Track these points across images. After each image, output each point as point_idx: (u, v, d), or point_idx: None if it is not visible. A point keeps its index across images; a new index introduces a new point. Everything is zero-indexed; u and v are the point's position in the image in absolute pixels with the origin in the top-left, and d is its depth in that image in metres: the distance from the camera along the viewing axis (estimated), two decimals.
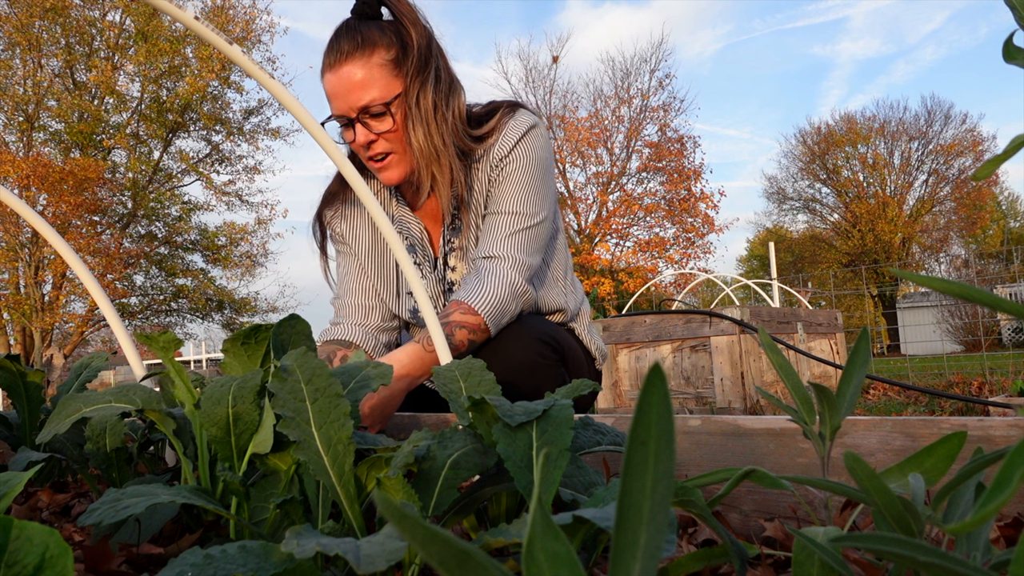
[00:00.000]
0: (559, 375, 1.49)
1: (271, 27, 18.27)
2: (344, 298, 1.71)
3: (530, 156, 1.51)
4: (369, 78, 1.43)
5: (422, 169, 1.49)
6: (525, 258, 1.48)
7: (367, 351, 1.64)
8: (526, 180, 1.51)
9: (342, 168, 1.13)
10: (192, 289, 18.40)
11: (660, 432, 0.28)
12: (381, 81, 1.43)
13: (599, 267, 20.83)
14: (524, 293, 1.46)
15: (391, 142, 1.48)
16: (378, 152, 1.48)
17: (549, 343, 1.47)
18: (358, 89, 1.43)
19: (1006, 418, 0.80)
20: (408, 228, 1.63)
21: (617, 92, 22.69)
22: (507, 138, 1.51)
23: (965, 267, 20.79)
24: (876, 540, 0.38)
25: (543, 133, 1.56)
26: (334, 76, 1.45)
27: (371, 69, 1.43)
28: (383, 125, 1.46)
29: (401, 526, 0.26)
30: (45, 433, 0.88)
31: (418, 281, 1.14)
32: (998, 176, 30.29)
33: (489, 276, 1.44)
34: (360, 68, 1.42)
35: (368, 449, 0.78)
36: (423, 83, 1.46)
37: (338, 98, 1.45)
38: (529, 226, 1.50)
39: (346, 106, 1.45)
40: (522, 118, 1.54)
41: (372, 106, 1.44)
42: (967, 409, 3.59)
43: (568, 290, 1.67)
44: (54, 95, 16.47)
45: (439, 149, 1.47)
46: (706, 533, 0.81)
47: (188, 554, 0.52)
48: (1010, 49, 0.50)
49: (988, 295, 0.40)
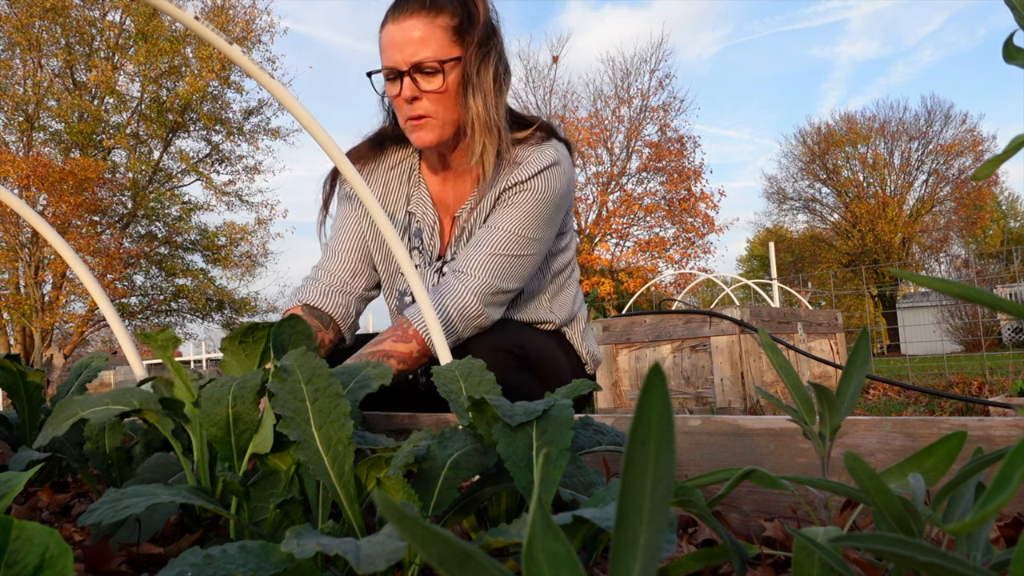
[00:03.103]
0: (523, 381, 1.46)
1: (271, 27, 18.29)
2: (336, 253, 1.65)
3: (544, 189, 1.50)
4: (430, 36, 1.45)
5: (476, 136, 1.48)
6: (496, 282, 1.45)
7: (342, 328, 1.61)
8: (533, 211, 1.49)
9: (340, 166, 1.13)
10: (192, 289, 18.39)
11: (660, 432, 0.28)
12: (440, 42, 1.45)
13: (599, 267, 20.82)
14: (476, 317, 1.43)
15: (434, 103, 1.48)
16: (419, 112, 1.48)
17: (510, 351, 1.45)
18: (416, 44, 1.44)
19: (1006, 418, 0.80)
20: (424, 215, 1.62)
21: (617, 92, 22.70)
22: (529, 166, 1.50)
23: (965, 267, 20.79)
24: (876, 540, 0.38)
25: (567, 170, 1.55)
26: (395, 27, 1.46)
27: (433, 29, 1.45)
28: (432, 84, 1.46)
29: (401, 526, 0.26)
30: (43, 437, 0.88)
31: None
32: (998, 176, 30.28)
33: (446, 294, 1.42)
34: (423, 26, 1.45)
35: (368, 449, 0.78)
36: (486, 55, 1.48)
37: (394, 49, 1.46)
38: (517, 254, 1.48)
39: (400, 58, 1.45)
40: (549, 150, 1.52)
41: (426, 63, 1.45)
42: (967, 409, 3.59)
43: (563, 303, 1.65)
44: (54, 95, 16.47)
45: (494, 119, 1.48)
46: (706, 533, 0.81)
47: (188, 554, 0.52)
48: (1010, 49, 0.50)
49: (988, 295, 0.40)
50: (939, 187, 28.08)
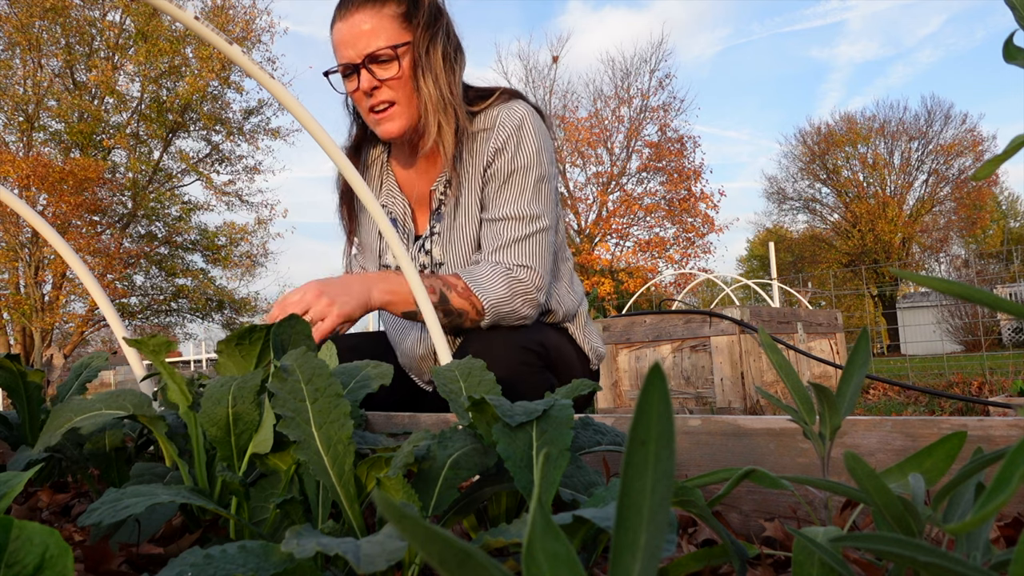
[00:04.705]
0: (546, 380, 1.48)
1: (271, 27, 18.33)
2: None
3: (527, 153, 1.50)
4: (379, 26, 1.46)
5: (429, 117, 1.49)
6: (532, 262, 1.48)
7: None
8: (523, 181, 1.50)
9: (340, 165, 1.13)
10: (192, 289, 18.39)
11: (660, 432, 0.28)
12: (390, 30, 1.47)
13: (599, 267, 20.83)
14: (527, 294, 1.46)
15: (394, 90, 1.49)
16: (381, 101, 1.49)
17: (534, 349, 1.46)
18: (367, 36, 1.46)
19: (1006, 418, 0.80)
20: (392, 203, 1.65)
21: (617, 92, 22.70)
22: (503, 127, 1.50)
23: (965, 267, 20.78)
24: (876, 540, 0.38)
25: (538, 124, 1.54)
26: (344, 24, 1.48)
27: (381, 19, 1.47)
28: (388, 72, 1.48)
29: (401, 526, 0.26)
30: (39, 445, 0.88)
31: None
32: (998, 176, 30.29)
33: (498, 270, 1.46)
34: (371, 17, 1.46)
35: (368, 449, 0.78)
36: (433, 36, 1.49)
37: (346, 45, 1.48)
38: (534, 229, 1.50)
39: (353, 53, 1.47)
40: (517, 107, 1.53)
41: (379, 52, 1.46)
42: (967, 409, 3.59)
43: (563, 293, 1.64)
44: (54, 95, 16.47)
45: (447, 99, 1.49)
46: (706, 533, 0.81)
47: (188, 554, 0.52)
48: (1010, 49, 0.50)
49: (988, 295, 0.40)
50: (939, 187, 28.08)
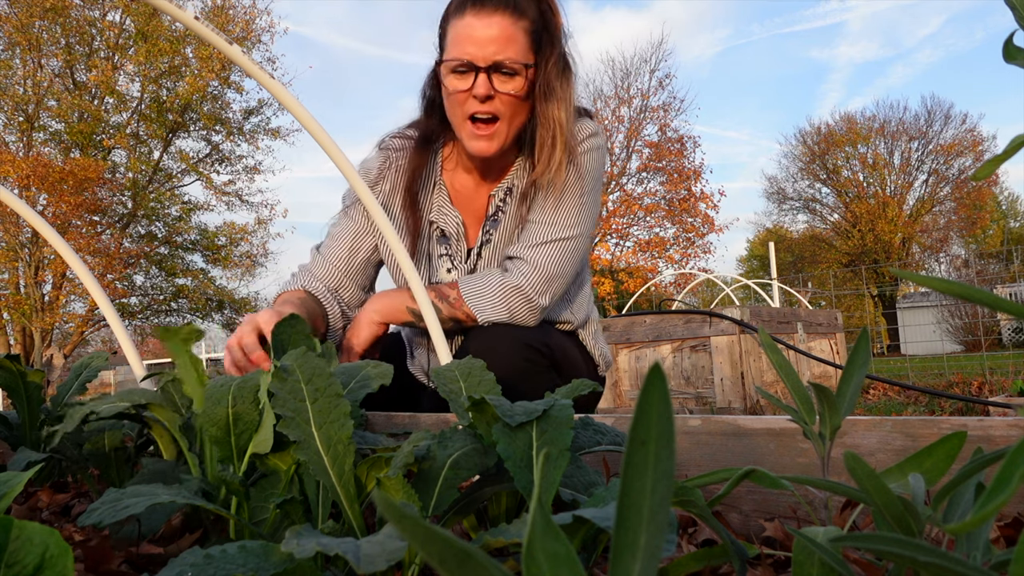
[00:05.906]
0: (550, 380, 1.47)
1: (271, 27, 18.31)
2: (328, 258, 1.62)
3: (583, 167, 1.52)
4: (513, 37, 1.42)
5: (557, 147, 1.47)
6: (553, 268, 1.48)
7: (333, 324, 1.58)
8: (574, 193, 1.51)
9: (340, 165, 1.13)
10: (192, 289, 18.40)
11: (660, 432, 0.28)
12: (522, 45, 1.43)
13: (599, 267, 20.83)
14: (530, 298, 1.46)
15: (506, 106, 1.45)
16: (489, 111, 1.44)
17: (539, 348, 1.46)
18: (500, 42, 1.41)
19: (1006, 418, 0.80)
20: (444, 219, 1.61)
21: (617, 92, 22.69)
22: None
23: (965, 267, 20.78)
24: (876, 540, 0.38)
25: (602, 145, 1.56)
26: (478, 20, 1.41)
27: (517, 31, 1.42)
28: (507, 86, 1.43)
29: (401, 526, 0.26)
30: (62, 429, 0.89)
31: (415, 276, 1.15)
32: (998, 176, 30.31)
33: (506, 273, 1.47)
34: (508, 25, 1.42)
35: (368, 449, 0.78)
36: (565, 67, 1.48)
37: (472, 42, 1.41)
38: (566, 237, 1.50)
39: (480, 53, 1.41)
40: (587, 125, 1.54)
41: (508, 63, 1.41)
42: (967, 409, 3.59)
43: (579, 304, 1.66)
44: (54, 95, 16.47)
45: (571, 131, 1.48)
46: (706, 533, 0.81)
47: (188, 554, 0.52)
48: (1010, 49, 0.50)
49: (988, 295, 0.40)
50: (939, 187, 28.08)
